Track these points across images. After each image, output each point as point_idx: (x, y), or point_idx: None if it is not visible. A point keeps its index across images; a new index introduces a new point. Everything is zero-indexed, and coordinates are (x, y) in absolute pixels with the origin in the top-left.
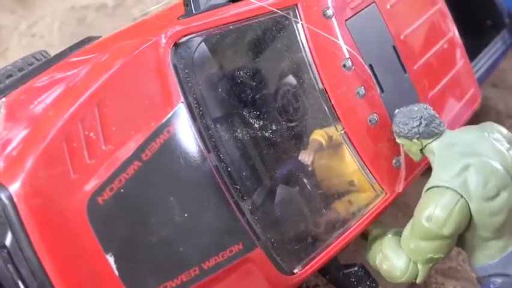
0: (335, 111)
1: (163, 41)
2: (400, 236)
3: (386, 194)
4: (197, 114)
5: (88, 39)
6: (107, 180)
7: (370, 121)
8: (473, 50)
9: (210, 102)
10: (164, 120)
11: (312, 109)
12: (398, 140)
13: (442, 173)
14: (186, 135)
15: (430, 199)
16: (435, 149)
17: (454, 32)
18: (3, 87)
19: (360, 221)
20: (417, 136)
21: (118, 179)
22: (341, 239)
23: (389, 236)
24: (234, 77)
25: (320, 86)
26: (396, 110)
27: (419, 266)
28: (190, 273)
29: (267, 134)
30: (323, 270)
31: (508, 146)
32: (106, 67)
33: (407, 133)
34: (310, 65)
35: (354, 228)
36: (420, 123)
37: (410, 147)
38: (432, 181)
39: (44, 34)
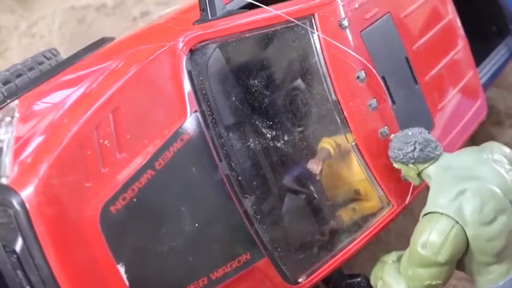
0: (347, 123)
1: (180, 46)
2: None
3: (393, 206)
4: (210, 123)
5: (102, 41)
6: (120, 189)
7: (381, 133)
8: (477, 56)
9: (223, 110)
10: (178, 128)
11: (324, 120)
12: (395, 165)
13: (438, 198)
14: (199, 144)
15: (425, 225)
16: (432, 173)
17: (464, 42)
18: (15, 89)
19: (366, 232)
20: (413, 161)
21: (131, 188)
22: (347, 250)
23: (390, 262)
24: (248, 86)
25: (333, 97)
26: (392, 135)
27: None
28: (199, 284)
29: (278, 144)
30: (326, 279)
31: (508, 167)
32: (121, 73)
33: (402, 158)
34: (324, 76)
35: (360, 239)
36: (415, 148)
37: (407, 172)
38: (428, 207)
39: (44, 34)
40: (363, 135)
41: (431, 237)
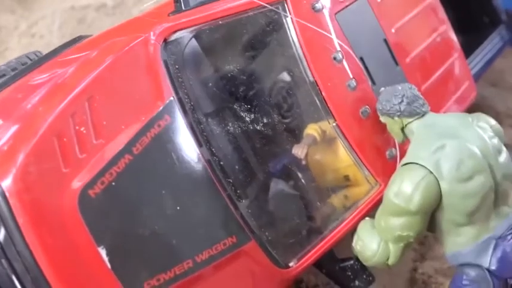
0: (327, 104)
1: (153, 37)
2: None
3: (381, 185)
4: (188, 109)
5: (80, 38)
6: (98, 174)
7: (362, 113)
8: (470, 46)
9: (201, 97)
10: (155, 114)
11: (304, 103)
12: (381, 118)
13: (416, 150)
14: (177, 129)
15: (399, 175)
16: (416, 128)
17: (447, 25)
18: None
19: (355, 213)
20: (398, 114)
21: (109, 173)
22: (336, 231)
23: (366, 218)
24: (224, 72)
25: (311, 79)
26: (382, 88)
27: (390, 246)
28: (183, 266)
29: (259, 128)
30: (319, 265)
31: (491, 134)
32: (97, 63)
33: (389, 110)
34: (301, 59)
35: (349, 221)
36: (402, 101)
37: (392, 126)
38: (406, 158)
39: (44, 34)
40: (344, 115)
41: (403, 184)
